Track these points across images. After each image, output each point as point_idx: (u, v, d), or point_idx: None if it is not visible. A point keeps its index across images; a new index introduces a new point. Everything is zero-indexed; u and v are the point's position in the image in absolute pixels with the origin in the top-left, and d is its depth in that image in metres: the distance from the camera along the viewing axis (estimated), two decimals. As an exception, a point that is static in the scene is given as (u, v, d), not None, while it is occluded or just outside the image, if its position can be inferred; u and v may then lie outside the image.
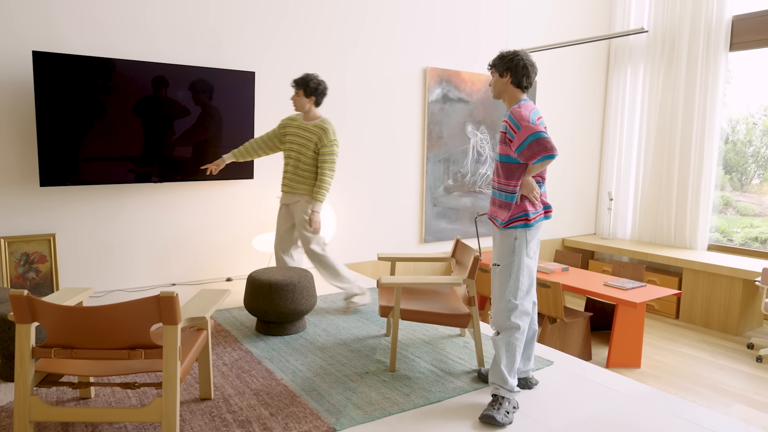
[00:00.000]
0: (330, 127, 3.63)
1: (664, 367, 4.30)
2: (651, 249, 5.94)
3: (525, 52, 2.47)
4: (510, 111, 2.41)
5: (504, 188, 2.45)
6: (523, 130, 2.33)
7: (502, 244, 2.45)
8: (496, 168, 2.51)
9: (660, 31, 6.04)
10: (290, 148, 3.68)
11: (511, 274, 2.42)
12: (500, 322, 2.44)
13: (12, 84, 3.56)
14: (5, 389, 2.50)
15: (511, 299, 2.42)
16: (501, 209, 2.45)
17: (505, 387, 2.39)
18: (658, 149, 6.17)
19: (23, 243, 3.70)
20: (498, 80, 2.51)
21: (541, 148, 2.30)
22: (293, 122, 3.71)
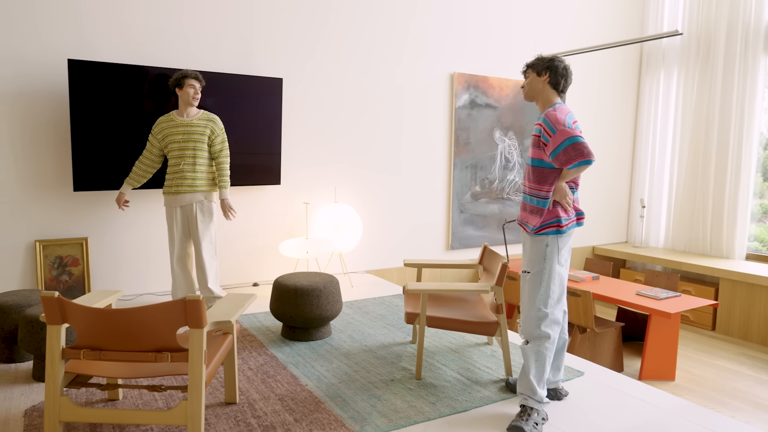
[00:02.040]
0: (217, 117, 3.61)
1: (700, 380, 4.16)
2: (685, 258, 5.77)
3: (563, 59, 2.44)
4: (544, 114, 2.35)
5: (536, 193, 2.38)
6: (558, 134, 2.27)
7: (532, 250, 2.39)
8: (527, 172, 2.45)
9: (695, 34, 5.89)
10: (182, 147, 3.47)
11: (542, 282, 2.36)
12: (530, 330, 2.38)
13: (48, 92, 3.66)
14: (38, 389, 2.55)
15: (542, 307, 2.36)
16: (532, 215, 2.39)
17: (533, 398, 2.33)
18: (692, 155, 6.00)
19: (57, 246, 3.78)
20: (535, 79, 2.44)
21: (577, 153, 2.24)
22: (171, 122, 3.51)
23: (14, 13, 3.51)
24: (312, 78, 4.55)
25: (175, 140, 3.48)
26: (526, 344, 2.39)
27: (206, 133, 3.51)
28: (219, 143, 3.54)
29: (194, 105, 3.50)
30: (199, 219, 3.52)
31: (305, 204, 4.61)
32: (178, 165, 3.49)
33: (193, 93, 3.46)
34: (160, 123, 3.53)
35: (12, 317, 2.76)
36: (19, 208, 3.65)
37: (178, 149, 3.48)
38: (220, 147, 3.54)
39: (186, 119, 3.51)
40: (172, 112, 3.55)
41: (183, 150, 3.48)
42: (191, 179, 3.50)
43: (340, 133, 4.74)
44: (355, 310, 3.91)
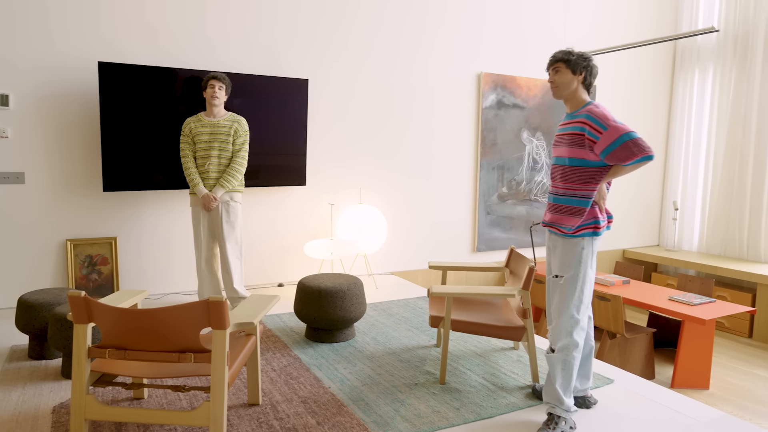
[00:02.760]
0: (243, 119, 3.65)
1: (736, 389, 4.01)
2: (720, 262, 5.59)
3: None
4: (587, 111, 2.26)
5: (578, 193, 2.28)
6: (611, 130, 2.17)
7: (566, 253, 2.30)
8: (561, 172, 2.34)
9: (732, 31, 5.70)
10: (208, 147, 3.54)
11: (576, 287, 2.28)
12: (559, 338, 2.30)
13: (79, 94, 3.73)
14: (66, 386, 2.58)
15: (575, 314, 2.28)
16: (570, 216, 2.29)
17: (560, 407, 2.26)
18: (729, 156, 5.81)
19: (87, 245, 3.85)
20: (569, 77, 2.34)
21: (639, 149, 2.13)
22: (198, 121, 3.57)
23: (47, 18, 3.59)
24: (338, 79, 4.54)
25: (201, 140, 3.54)
26: (552, 353, 2.32)
27: (231, 132, 3.57)
28: (239, 143, 3.59)
29: (214, 104, 3.54)
30: (224, 219, 3.56)
31: (330, 205, 4.60)
32: (203, 165, 3.55)
33: (212, 93, 3.53)
34: (188, 123, 3.60)
35: (42, 315, 2.81)
36: (51, 208, 3.73)
37: (204, 149, 3.54)
38: (239, 147, 3.59)
39: (212, 119, 3.57)
40: (200, 113, 3.62)
41: (209, 150, 3.53)
42: (215, 179, 3.56)
43: (365, 133, 4.72)
44: (379, 312, 3.88)
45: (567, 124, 2.35)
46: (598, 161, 2.24)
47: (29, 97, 3.60)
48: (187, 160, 3.58)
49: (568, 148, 2.29)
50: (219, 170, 3.56)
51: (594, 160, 2.24)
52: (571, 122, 2.31)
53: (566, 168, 2.31)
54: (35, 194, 3.68)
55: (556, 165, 2.38)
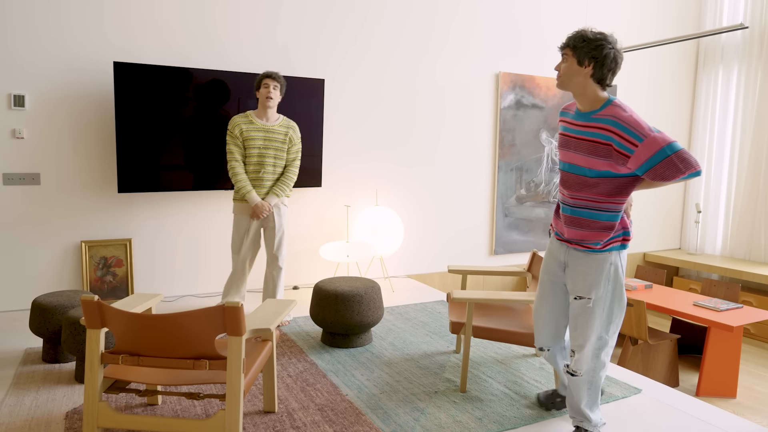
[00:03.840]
0: (296, 125, 3.50)
1: (765, 398, 3.87)
2: (745, 266, 5.43)
3: (614, 39, 1.95)
4: (613, 116, 1.90)
5: (605, 207, 1.98)
6: (648, 141, 1.81)
7: (593, 272, 2.01)
8: (581, 183, 2.01)
9: (758, 28, 5.55)
10: (262, 154, 3.34)
11: (605, 308, 2.02)
12: (586, 363, 2.07)
13: (94, 95, 3.70)
14: (80, 391, 2.54)
15: (604, 335, 2.04)
16: (600, 231, 1.99)
17: (590, 424, 2.15)
18: (754, 157, 5.65)
19: (102, 247, 3.82)
20: (574, 69, 1.96)
21: (686, 165, 1.80)
22: (250, 123, 3.35)
23: (62, 19, 3.56)
24: (355, 79, 4.48)
25: (254, 145, 3.33)
26: (575, 375, 2.10)
27: (286, 140, 3.41)
28: (294, 152, 3.45)
29: (269, 106, 3.32)
30: (277, 225, 3.44)
31: (346, 207, 4.54)
32: (257, 172, 3.36)
33: (266, 93, 3.31)
34: (237, 124, 3.34)
35: (56, 318, 2.77)
36: (66, 209, 3.71)
37: (258, 155, 3.34)
38: (294, 156, 3.45)
39: (267, 123, 3.37)
40: (248, 112, 3.40)
41: (263, 157, 3.35)
42: (269, 188, 3.41)
43: (381, 134, 4.65)
44: (396, 316, 3.80)
45: (584, 126, 1.98)
46: (628, 173, 1.93)
47: (45, 98, 3.58)
48: (237, 164, 3.34)
49: (590, 158, 1.95)
50: (273, 178, 3.40)
51: (624, 171, 1.92)
52: (591, 126, 1.95)
53: (588, 179, 1.99)
54: (50, 195, 3.66)
55: (572, 174, 2.04)
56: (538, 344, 2.31)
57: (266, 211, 3.36)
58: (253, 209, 3.36)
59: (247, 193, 3.34)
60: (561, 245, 2.16)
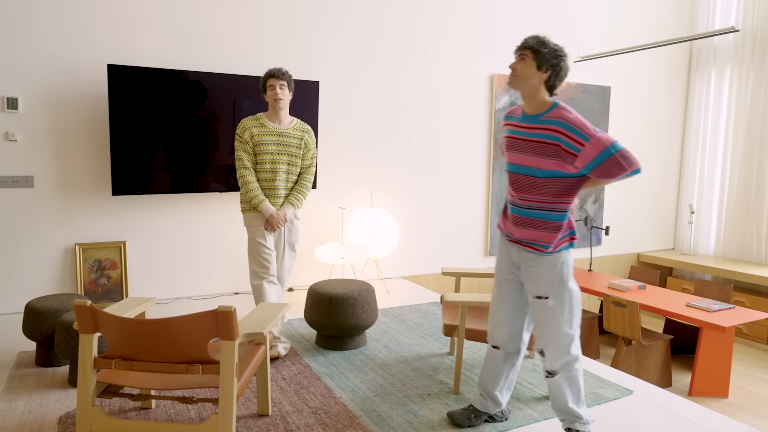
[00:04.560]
0: (310, 128, 3.24)
1: (756, 398, 3.90)
2: (738, 267, 5.47)
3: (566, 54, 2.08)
4: (560, 117, 1.98)
5: (555, 207, 2.05)
6: (594, 141, 1.91)
7: (548, 273, 2.08)
8: (530, 183, 2.06)
9: (750, 31, 5.59)
10: (275, 160, 3.06)
11: (565, 305, 2.09)
12: (558, 359, 2.12)
13: (88, 97, 3.70)
14: (73, 395, 2.54)
15: (568, 330, 2.10)
16: (549, 232, 2.06)
17: (580, 422, 2.17)
18: (747, 158, 5.69)
19: (96, 250, 3.82)
20: (532, 71, 2.02)
21: (629, 163, 1.91)
22: (262, 127, 3.06)
23: (56, 21, 3.56)
24: (349, 81, 4.49)
25: (267, 150, 3.04)
26: (553, 376, 2.13)
27: (301, 145, 3.14)
28: (310, 158, 3.19)
29: (280, 107, 3.04)
30: (287, 241, 3.21)
31: (341, 209, 4.54)
32: (271, 180, 3.07)
33: (274, 95, 3.02)
34: (247, 127, 3.05)
35: (50, 322, 2.77)
36: (60, 211, 3.70)
37: (271, 161, 3.06)
38: (309, 162, 3.19)
39: (280, 127, 3.09)
40: (259, 114, 3.11)
41: (276, 163, 3.06)
42: (284, 197, 3.14)
43: (376, 136, 4.66)
44: (391, 318, 3.81)
45: (532, 128, 2.05)
46: (576, 172, 2.00)
47: (38, 100, 3.58)
48: (248, 172, 3.04)
49: (539, 158, 2.01)
50: (287, 186, 3.12)
51: (571, 171, 2.00)
52: (539, 128, 2.02)
53: (537, 180, 2.05)
54: (44, 198, 3.65)
55: (519, 174, 2.10)
56: (493, 342, 2.31)
57: (282, 223, 3.08)
58: (268, 220, 3.06)
59: (260, 203, 3.03)
60: (511, 245, 2.21)
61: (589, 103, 5.60)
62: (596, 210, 5.81)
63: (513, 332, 2.27)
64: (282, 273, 3.27)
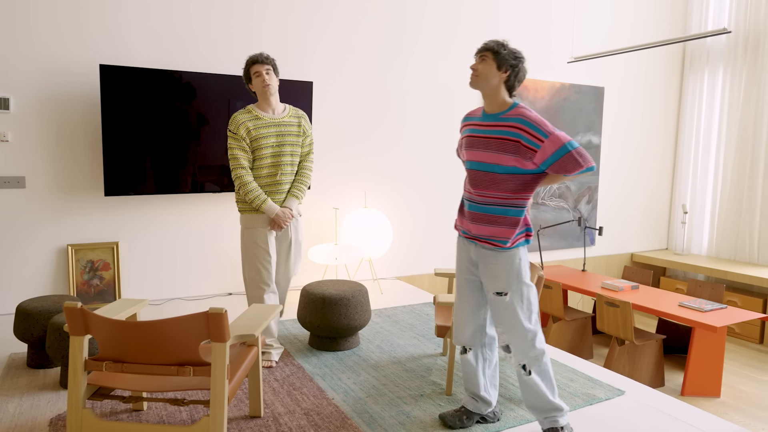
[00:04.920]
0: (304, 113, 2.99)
1: (748, 397, 3.93)
2: (731, 267, 5.50)
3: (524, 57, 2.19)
4: (520, 115, 2.06)
5: (513, 202, 2.11)
6: (552, 138, 2.00)
7: (506, 268, 2.13)
8: (489, 180, 2.13)
9: (742, 32, 5.61)
10: (277, 153, 2.86)
11: (523, 299, 2.15)
12: (525, 355, 2.16)
13: (80, 97, 3.68)
14: (64, 397, 2.53)
15: (528, 326, 2.15)
16: (507, 227, 2.11)
17: (558, 414, 2.18)
18: (739, 159, 5.72)
19: (88, 250, 3.80)
20: (493, 71, 2.10)
21: (584, 160, 2.00)
22: (256, 119, 2.84)
23: (48, 19, 3.54)
24: (343, 81, 4.48)
25: (266, 143, 2.82)
26: (529, 374, 2.16)
27: (300, 132, 2.93)
28: (308, 144, 3.00)
29: (270, 93, 2.83)
30: (293, 239, 3.00)
31: (335, 209, 4.54)
32: (273, 175, 2.86)
33: (261, 82, 2.80)
34: (241, 122, 2.82)
35: (41, 323, 2.76)
36: (52, 212, 3.69)
37: (272, 155, 2.84)
38: (308, 149, 3.00)
39: (276, 117, 2.87)
40: (250, 106, 2.88)
41: (279, 156, 2.86)
42: (286, 192, 2.93)
43: (370, 137, 4.66)
44: (384, 318, 3.82)
45: (493, 126, 2.12)
46: (534, 168, 2.07)
47: (30, 100, 3.56)
48: (244, 172, 2.82)
49: (497, 154, 2.08)
50: (290, 180, 2.93)
51: (530, 168, 2.07)
52: (498, 125, 2.10)
53: (496, 176, 2.11)
54: (36, 199, 3.64)
55: (479, 171, 2.15)
56: (459, 343, 2.34)
57: (290, 219, 2.88)
58: (273, 220, 2.85)
59: (262, 204, 2.82)
60: (469, 243, 2.26)
61: (582, 103, 5.61)
62: (590, 210, 5.83)
63: (476, 330, 2.31)
64: (288, 273, 3.09)
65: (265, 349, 2.96)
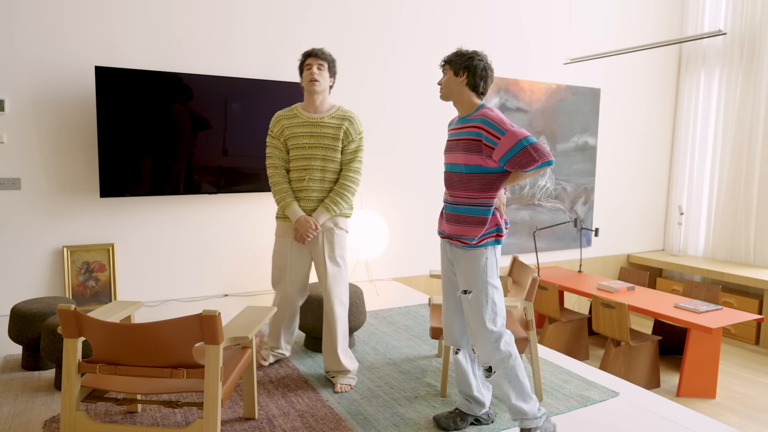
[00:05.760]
0: (356, 115, 2.74)
1: (743, 398, 3.94)
2: (727, 268, 5.51)
3: (484, 55, 2.24)
4: (482, 115, 2.14)
5: (478, 202, 2.17)
6: (508, 135, 2.07)
7: (471, 267, 2.19)
8: (458, 180, 2.21)
9: (738, 33, 5.63)
10: (308, 155, 2.64)
11: (487, 299, 2.17)
12: (489, 356, 2.17)
13: (76, 98, 3.68)
14: (59, 399, 2.53)
15: (492, 327, 2.16)
16: (473, 226, 2.17)
17: (527, 419, 2.18)
18: (735, 160, 5.73)
19: (84, 252, 3.80)
20: (452, 79, 2.23)
21: (539, 154, 2.05)
22: (294, 117, 2.68)
23: (43, 20, 3.54)
24: (338, 83, 4.49)
25: (298, 143, 2.64)
26: (492, 373, 2.17)
27: (339, 135, 2.64)
28: (352, 151, 2.68)
29: (315, 91, 2.61)
30: (327, 254, 2.67)
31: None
32: (301, 180, 2.64)
33: (309, 75, 2.60)
34: (279, 119, 2.70)
35: (36, 325, 2.76)
36: (48, 214, 3.68)
37: (302, 157, 2.64)
38: (351, 156, 2.68)
39: (314, 116, 2.66)
40: (295, 105, 2.74)
41: (309, 159, 2.63)
42: (318, 200, 2.66)
43: (366, 138, 4.66)
44: (380, 320, 3.82)
45: (460, 128, 2.22)
46: (496, 168, 2.14)
47: (25, 101, 3.56)
48: (276, 172, 2.68)
49: (464, 154, 2.17)
50: (322, 187, 2.65)
51: (492, 166, 2.14)
52: (465, 127, 2.19)
53: (463, 176, 2.19)
54: (31, 200, 3.64)
55: (451, 173, 2.25)
56: (448, 343, 2.39)
57: (312, 231, 2.61)
58: (295, 228, 2.63)
59: (286, 206, 2.63)
60: (446, 243, 2.34)
61: (578, 105, 5.63)
62: (586, 211, 5.84)
63: (462, 329, 2.36)
64: (332, 307, 2.71)
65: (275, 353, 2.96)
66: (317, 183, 2.64)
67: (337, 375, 2.74)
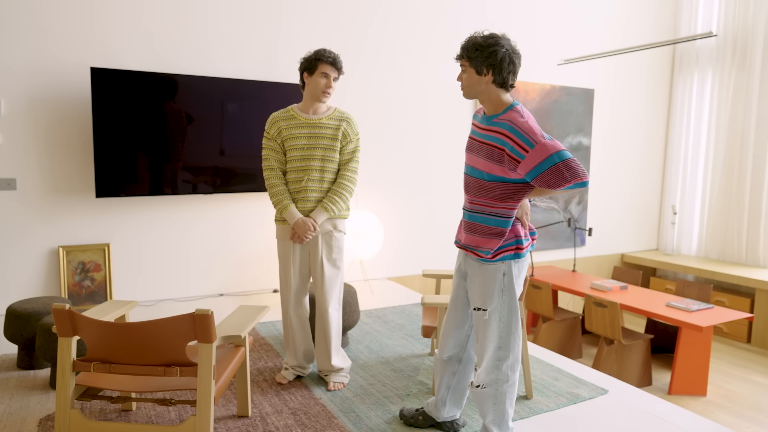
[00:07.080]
0: (353, 116, 2.73)
1: (734, 396, 3.98)
2: (719, 267, 5.55)
3: (506, 38, 1.93)
4: (510, 121, 1.90)
5: (496, 211, 1.96)
6: (538, 147, 1.81)
7: (486, 283, 1.98)
8: (478, 186, 2.00)
9: (731, 35, 5.67)
10: (306, 156, 2.63)
11: (501, 319, 1.98)
12: (486, 374, 2.01)
13: (71, 98, 3.70)
14: (54, 398, 2.55)
15: (503, 347, 1.99)
16: (489, 237, 1.97)
17: None
18: (728, 160, 5.78)
19: (80, 252, 3.82)
20: (473, 78, 1.96)
21: (571, 174, 1.80)
22: (291, 119, 2.66)
23: (39, 22, 3.56)
24: (333, 83, 4.51)
25: (296, 145, 2.63)
26: (478, 388, 2.03)
27: (338, 136, 2.66)
28: (349, 152, 2.69)
29: (323, 100, 2.63)
30: (325, 257, 2.68)
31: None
32: (299, 181, 2.64)
33: (325, 84, 2.60)
34: (275, 121, 2.67)
35: (31, 325, 2.78)
36: (43, 214, 3.70)
37: (300, 158, 2.63)
38: (349, 156, 2.69)
39: (312, 117, 2.66)
40: (291, 106, 2.72)
41: (307, 160, 2.62)
42: (316, 201, 2.66)
43: (361, 138, 4.69)
44: (374, 319, 3.85)
45: (484, 130, 1.98)
46: (521, 178, 1.92)
47: (21, 102, 3.58)
48: (272, 174, 2.67)
49: (486, 161, 1.94)
50: (321, 188, 2.66)
51: (515, 177, 1.91)
52: (490, 130, 1.95)
53: (485, 183, 1.97)
54: (27, 200, 3.66)
55: (472, 177, 2.02)
56: (441, 352, 2.26)
57: (310, 232, 2.60)
58: (293, 229, 2.62)
59: (283, 209, 2.62)
60: (461, 253, 2.16)
61: (572, 105, 5.66)
62: (580, 211, 5.88)
63: (456, 344, 2.21)
64: (325, 309, 2.71)
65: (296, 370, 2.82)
66: (316, 183, 2.64)
67: (329, 373, 2.76)
